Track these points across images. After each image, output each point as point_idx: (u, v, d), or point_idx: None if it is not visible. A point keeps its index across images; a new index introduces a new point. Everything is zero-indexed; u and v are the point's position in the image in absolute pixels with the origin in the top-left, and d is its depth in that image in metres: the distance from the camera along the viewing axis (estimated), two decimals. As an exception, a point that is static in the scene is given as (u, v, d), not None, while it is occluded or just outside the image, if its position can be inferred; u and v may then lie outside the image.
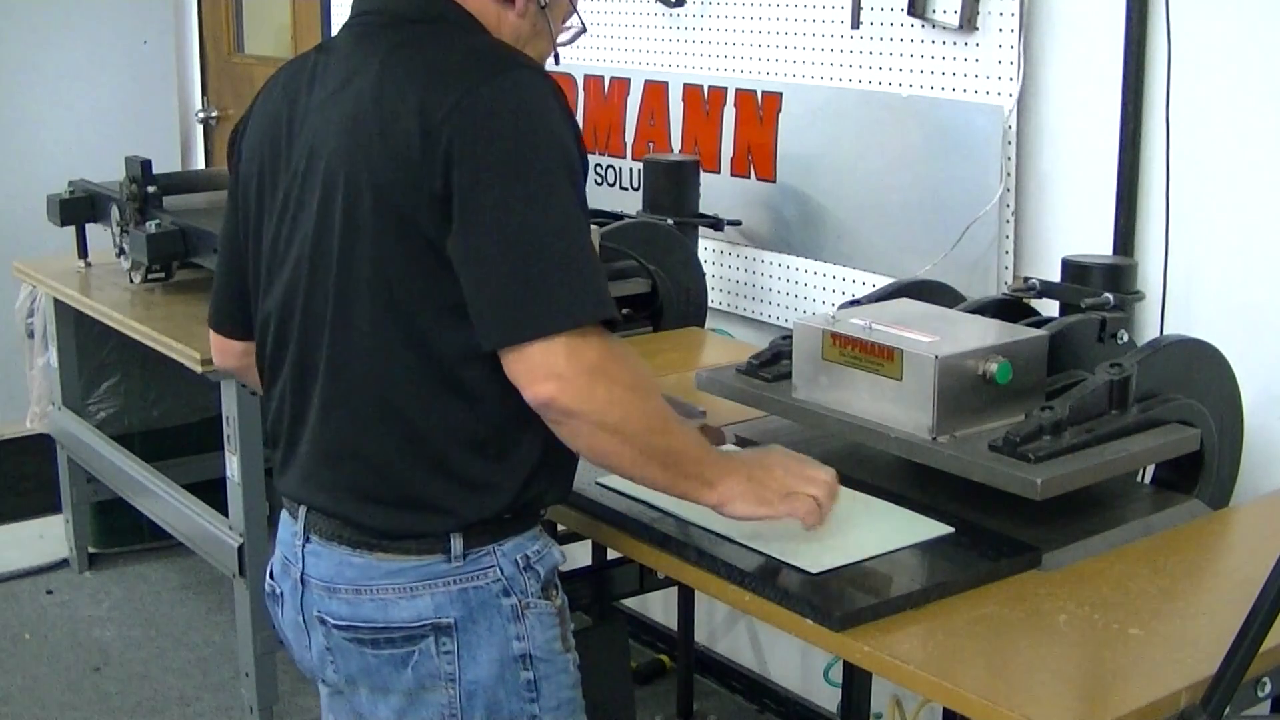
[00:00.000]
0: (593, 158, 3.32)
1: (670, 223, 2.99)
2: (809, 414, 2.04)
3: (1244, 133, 2.30)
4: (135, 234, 3.45)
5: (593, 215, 1.96)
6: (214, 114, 5.35)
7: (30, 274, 3.80)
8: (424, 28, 1.67)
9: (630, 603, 3.41)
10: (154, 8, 5.29)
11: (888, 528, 1.85)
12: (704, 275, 3.00)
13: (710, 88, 3.17)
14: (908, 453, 1.91)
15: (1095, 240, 2.48)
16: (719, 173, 3.16)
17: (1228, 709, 1.43)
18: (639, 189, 3.19)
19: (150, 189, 3.52)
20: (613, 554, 2.54)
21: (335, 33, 1.81)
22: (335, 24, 4.34)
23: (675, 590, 3.07)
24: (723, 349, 2.85)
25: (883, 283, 2.52)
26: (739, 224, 3.13)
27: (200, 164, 5.39)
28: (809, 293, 3.02)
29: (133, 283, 3.56)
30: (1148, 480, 2.10)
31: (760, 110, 3.06)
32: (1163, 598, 1.70)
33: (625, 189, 3.40)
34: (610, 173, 3.44)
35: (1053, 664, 1.55)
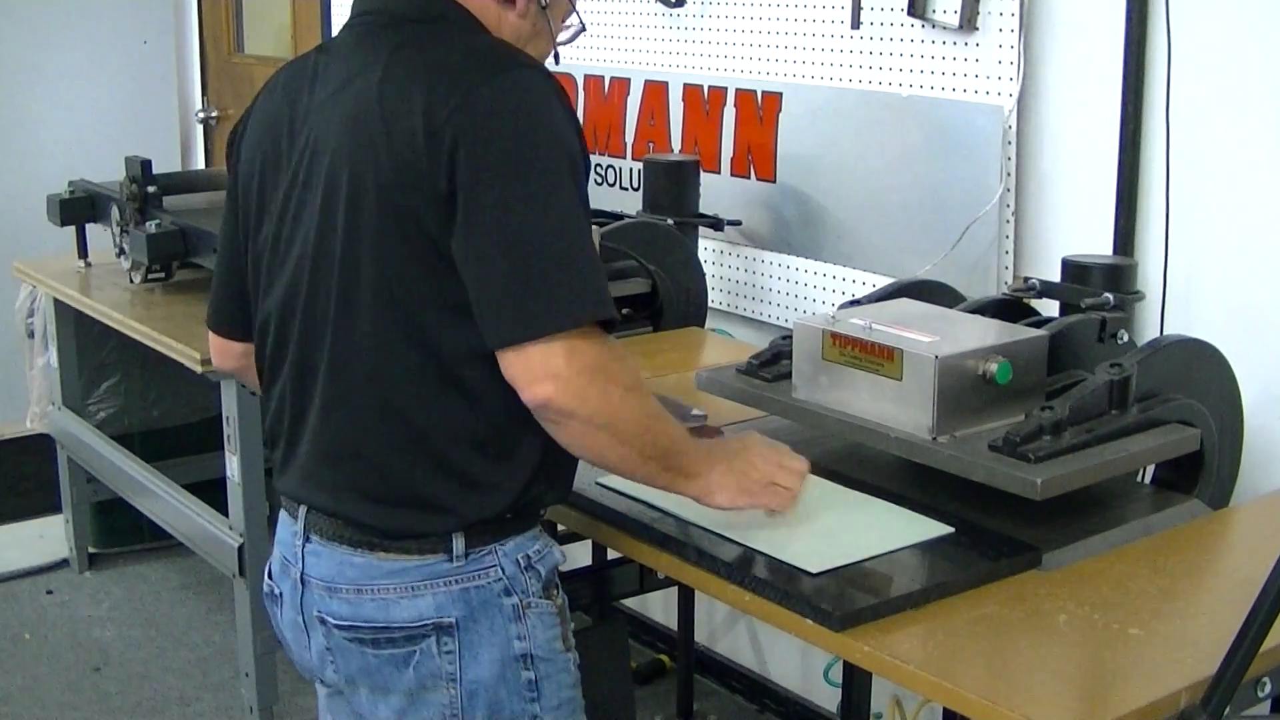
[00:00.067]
0: (593, 158, 3.32)
1: (670, 223, 2.98)
2: (809, 414, 2.04)
3: (1244, 133, 2.30)
4: (135, 234, 3.45)
5: (593, 215, 1.95)
6: (214, 114, 5.35)
7: (30, 274, 3.80)
8: (424, 27, 1.67)
9: (630, 603, 3.41)
10: (154, 8, 5.29)
11: (888, 528, 1.85)
12: (704, 275, 3.00)
13: (710, 88, 3.17)
14: (908, 453, 1.91)
15: (1095, 240, 2.48)
16: (719, 173, 3.16)
17: (1228, 709, 1.43)
18: (639, 189, 3.19)
19: (150, 189, 3.52)
20: (613, 554, 2.54)
21: (335, 33, 1.81)
22: (335, 24, 4.34)
23: (675, 590, 3.07)
24: (723, 349, 2.84)
25: (883, 283, 2.52)
26: (739, 224, 3.12)
27: (200, 164, 5.39)
28: (809, 293, 3.02)
29: (133, 283, 3.56)
30: (1148, 480, 2.10)
31: (760, 110, 3.06)
32: (1163, 598, 1.70)
33: (625, 189, 3.40)
34: (610, 173, 3.44)
35: (1053, 664, 1.55)
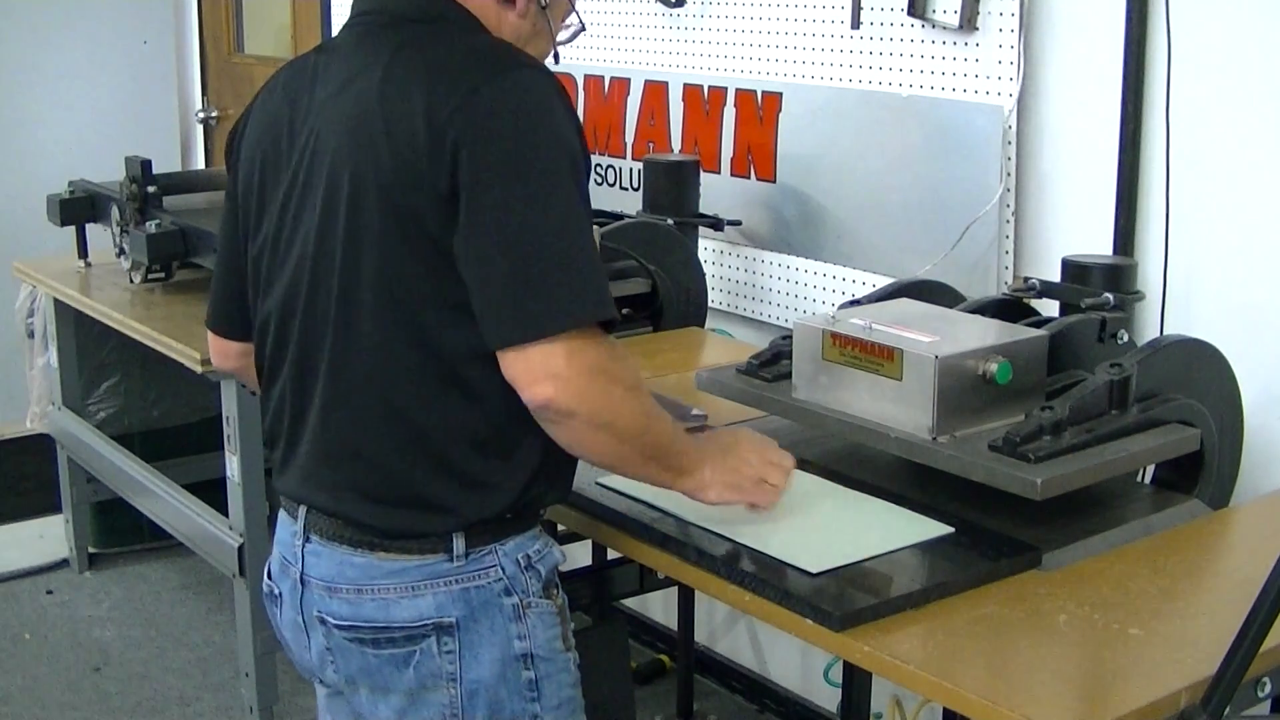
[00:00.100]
0: (593, 158, 3.32)
1: (670, 223, 2.98)
2: (809, 414, 2.04)
3: (1244, 133, 2.30)
4: (135, 234, 3.45)
5: (593, 215, 1.95)
6: (214, 114, 5.35)
7: (30, 274, 3.80)
8: (425, 28, 1.67)
9: (630, 603, 3.41)
10: (154, 8, 5.29)
11: (888, 528, 1.85)
12: (704, 275, 3.00)
13: (710, 88, 3.17)
14: (908, 453, 1.91)
15: (1095, 240, 2.48)
16: (719, 173, 3.16)
17: (1228, 709, 1.43)
18: (639, 189, 3.19)
19: (150, 189, 3.52)
20: (613, 554, 2.54)
21: (335, 33, 1.81)
22: (335, 24, 4.34)
23: (675, 590, 3.07)
24: (723, 349, 2.84)
25: (883, 283, 2.52)
26: (739, 224, 3.12)
27: (200, 164, 5.39)
28: (809, 293, 3.02)
29: (133, 283, 3.56)
30: (1148, 480, 2.10)
31: (760, 110, 3.06)
32: (1163, 598, 1.70)
33: (625, 189, 3.40)
34: (610, 173, 3.44)
35: (1053, 664, 1.55)
